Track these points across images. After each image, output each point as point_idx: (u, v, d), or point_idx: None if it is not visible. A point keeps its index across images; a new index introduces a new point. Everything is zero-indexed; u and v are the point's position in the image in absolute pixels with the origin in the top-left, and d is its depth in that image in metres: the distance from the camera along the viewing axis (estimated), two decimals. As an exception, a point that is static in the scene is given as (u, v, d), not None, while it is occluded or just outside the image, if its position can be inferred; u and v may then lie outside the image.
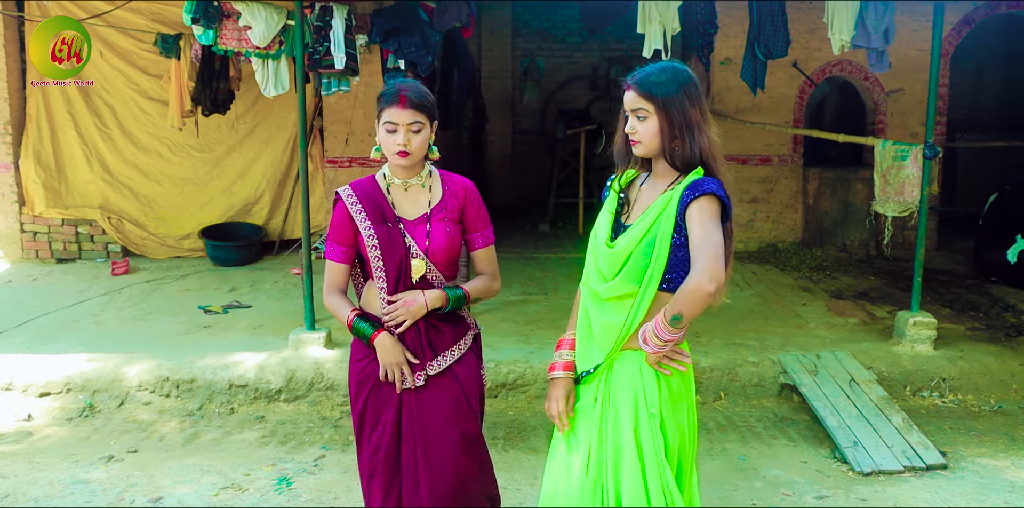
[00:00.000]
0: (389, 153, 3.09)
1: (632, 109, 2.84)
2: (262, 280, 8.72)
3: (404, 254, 3.13)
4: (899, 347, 6.45)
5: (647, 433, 2.76)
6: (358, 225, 3.15)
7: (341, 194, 3.20)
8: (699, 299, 2.58)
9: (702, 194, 2.68)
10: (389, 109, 3.04)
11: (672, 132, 2.78)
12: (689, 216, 2.69)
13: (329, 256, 3.24)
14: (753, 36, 6.90)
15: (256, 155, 9.77)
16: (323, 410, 5.95)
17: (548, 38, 13.64)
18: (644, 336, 2.74)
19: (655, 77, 2.80)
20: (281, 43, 6.43)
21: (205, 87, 8.39)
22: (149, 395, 6.02)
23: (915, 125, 9.94)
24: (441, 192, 3.25)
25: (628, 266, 2.78)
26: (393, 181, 3.21)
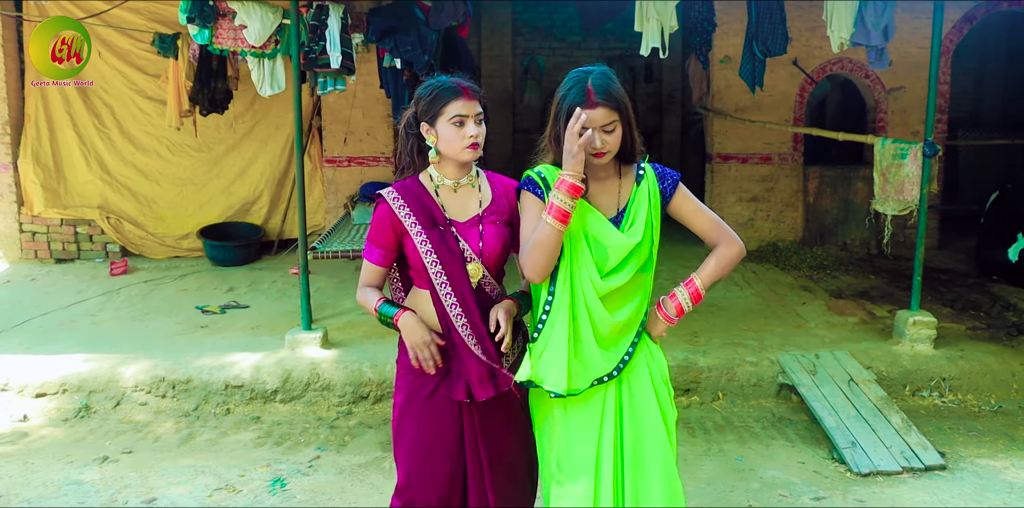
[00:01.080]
0: (457, 148, 2.95)
1: (601, 126, 2.78)
2: (260, 280, 8.70)
3: (460, 257, 3.00)
4: (899, 346, 6.42)
5: (667, 400, 2.96)
6: (408, 229, 2.99)
7: (386, 197, 3.04)
8: (738, 261, 2.98)
9: (676, 181, 2.95)
10: (455, 102, 2.92)
11: (631, 132, 2.88)
12: (680, 203, 2.95)
13: (367, 256, 3.10)
14: (751, 34, 6.87)
15: (255, 155, 9.75)
16: (319, 411, 5.92)
17: (548, 37, 13.61)
18: (677, 308, 2.98)
19: (610, 85, 2.80)
20: (277, 42, 6.40)
21: (203, 87, 8.37)
22: (145, 396, 5.99)
23: (916, 123, 9.89)
24: (491, 193, 3.14)
25: (635, 259, 2.89)
26: (443, 182, 3.07)
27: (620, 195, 2.94)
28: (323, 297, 7.78)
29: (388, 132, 9.59)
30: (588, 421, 2.89)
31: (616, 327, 2.88)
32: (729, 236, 2.93)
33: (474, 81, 3.08)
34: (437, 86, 2.99)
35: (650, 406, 2.91)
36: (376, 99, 9.35)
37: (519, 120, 13.68)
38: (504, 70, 13.53)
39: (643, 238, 2.86)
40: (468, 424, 3.03)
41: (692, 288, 2.95)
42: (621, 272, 2.87)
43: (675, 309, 2.96)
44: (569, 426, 2.91)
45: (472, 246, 3.03)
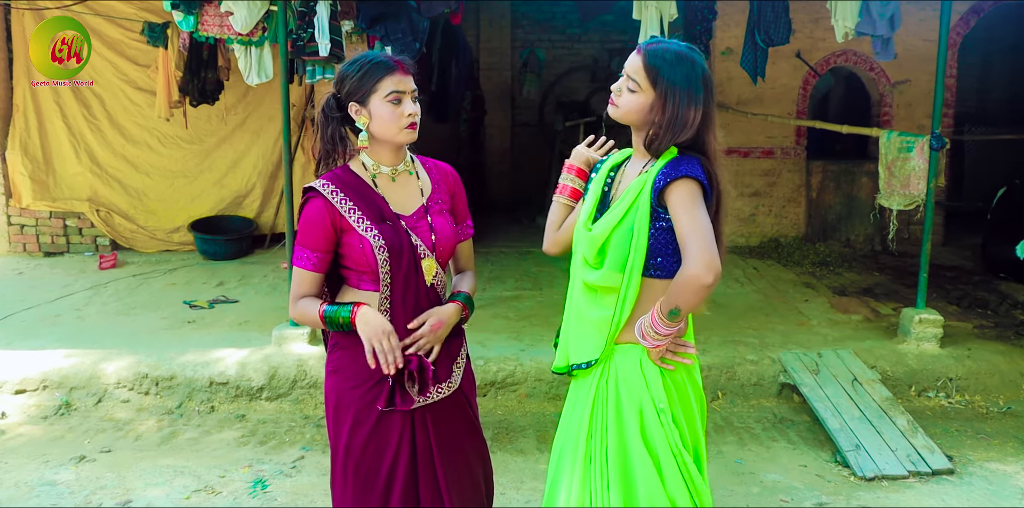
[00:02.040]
0: (395, 129, 2.67)
1: (629, 75, 2.63)
2: (251, 274, 8.52)
3: (412, 255, 2.73)
4: (904, 345, 6.23)
5: (656, 429, 2.60)
6: (353, 226, 2.67)
7: (320, 190, 2.69)
8: (696, 291, 2.44)
9: (676, 177, 2.51)
10: (389, 77, 2.64)
11: (656, 120, 2.60)
12: (669, 202, 2.53)
13: (299, 263, 2.72)
14: (753, 22, 6.67)
15: (247, 147, 9.57)
16: (306, 409, 5.74)
17: (548, 29, 13.40)
18: (641, 331, 2.59)
19: (670, 57, 2.59)
20: (264, 29, 6.21)
21: (193, 77, 8.18)
22: (127, 393, 5.82)
23: (922, 117, 9.69)
24: (429, 179, 2.89)
25: (610, 254, 2.63)
26: (379, 170, 2.77)
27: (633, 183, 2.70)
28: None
29: (383, 124, 9.39)
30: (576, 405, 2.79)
31: (586, 323, 2.72)
32: (691, 254, 2.43)
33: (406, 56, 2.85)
34: (367, 61, 2.70)
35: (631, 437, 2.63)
36: (371, 90, 9.16)
37: (518, 113, 13.49)
38: (503, 63, 13.33)
39: (609, 234, 2.60)
40: (422, 437, 2.80)
41: (653, 313, 2.56)
42: (599, 269, 2.66)
43: (640, 332, 2.61)
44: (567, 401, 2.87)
45: (425, 240, 2.78)
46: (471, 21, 12.63)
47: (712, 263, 2.42)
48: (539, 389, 5.77)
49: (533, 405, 5.74)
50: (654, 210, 2.57)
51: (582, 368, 2.73)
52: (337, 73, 2.78)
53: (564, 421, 2.84)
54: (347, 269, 2.80)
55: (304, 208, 2.72)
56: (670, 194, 2.51)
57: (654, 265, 2.60)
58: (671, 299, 2.49)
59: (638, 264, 2.59)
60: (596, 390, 2.68)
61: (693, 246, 2.43)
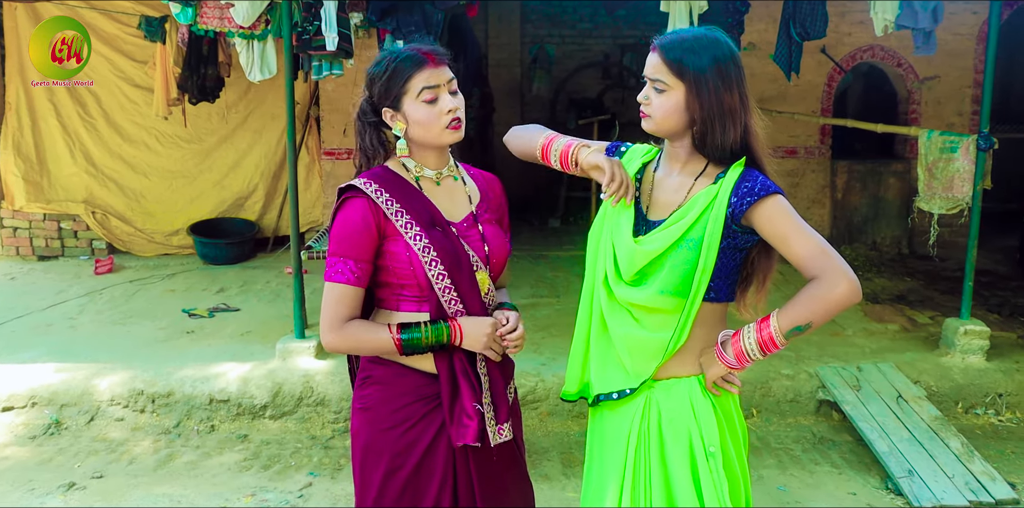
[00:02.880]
0: (437, 130, 2.37)
1: (651, 77, 2.32)
2: (254, 280, 8.15)
3: (470, 266, 2.41)
4: (948, 358, 5.86)
5: (708, 477, 2.29)
6: (400, 231, 2.33)
7: (365, 189, 2.35)
8: (843, 308, 2.22)
9: (766, 195, 2.23)
10: (420, 72, 2.33)
11: (696, 116, 2.28)
12: (765, 222, 2.25)
13: (338, 277, 2.33)
14: (788, 14, 6.27)
15: (249, 146, 9.20)
16: (312, 428, 5.38)
17: (558, 24, 13.00)
18: (739, 349, 2.28)
19: (688, 44, 2.28)
20: (267, 22, 5.82)
21: (192, 73, 7.80)
22: (122, 410, 5.46)
23: (951, 115, 9.32)
24: (476, 186, 2.57)
25: (663, 273, 2.30)
26: (423, 172, 2.46)
27: (687, 195, 2.37)
28: (319, 300, 7.21)
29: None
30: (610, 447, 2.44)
31: (623, 347, 2.37)
32: (834, 270, 2.17)
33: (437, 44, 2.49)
34: (392, 58, 2.39)
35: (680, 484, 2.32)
36: (378, 87, 8.79)
37: (528, 111, 13.08)
38: (512, 59, 12.93)
39: (666, 251, 2.28)
40: (464, 486, 2.44)
41: (765, 330, 2.24)
42: (640, 287, 2.33)
43: (734, 354, 2.28)
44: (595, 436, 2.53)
45: (477, 251, 2.45)
46: (479, 16, 12.25)
47: (857, 280, 2.20)
48: (562, 407, 5.39)
49: (556, 424, 5.37)
50: (727, 227, 2.27)
51: (612, 399, 2.40)
52: (366, 76, 2.47)
53: (595, 464, 2.50)
54: (383, 287, 2.44)
55: (342, 210, 2.37)
56: (763, 214, 2.24)
57: (711, 288, 2.32)
58: (804, 313, 2.21)
59: (703, 286, 2.29)
60: (639, 432, 2.35)
61: (831, 261, 2.19)
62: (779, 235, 2.22)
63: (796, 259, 2.21)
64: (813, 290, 2.18)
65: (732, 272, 2.35)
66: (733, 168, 2.30)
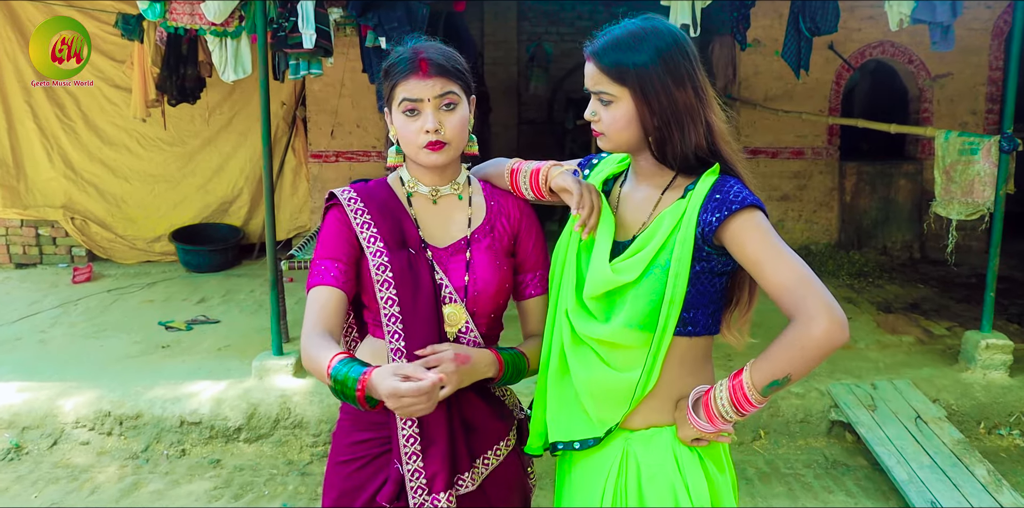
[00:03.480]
0: (413, 147, 2.10)
1: (592, 90, 2.01)
2: (237, 289, 7.81)
3: (431, 296, 2.10)
4: (968, 374, 5.50)
5: None
6: (364, 247, 2.11)
7: (340, 197, 2.17)
8: (825, 354, 1.81)
9: (743, 207, 1.90)
10: (405, 82, 2.06)
11: (650, 122, 1.95)
12: (736, 241, 1.90)
13: (317, 278, 2.08)
14: (797, 8, 5.89)
15: (234, 149, 8.85)
16: (289, 452, 5.02)
17: (556, 21, 12.67)
18: (709, 410, 1.93)
19: (623, 42, 1.95)
20: (242, 18, 5.47)
21: (171, 73, 7.44)
22: (87, 433, 5.11)
23: (964, 113, 8.95)
24: (485, 208, 2.26)
25: (628, 304, 1.96)
26: (417, 188, 2.21)
27: (652, 212, 2.05)
28: (301, 313, 6.88)
29: (380, 124, 8.64)
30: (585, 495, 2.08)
31: (583, 389, 2.03)
32: (813, 306, 1.79)
33: (449, 47, 2.18)
34: (395, 54, 2.16)
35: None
36: (367, 87, 8.42)
37: (524, 110, 12.75)
38: (509, 57, 12.59)
39: (637, 280, 1.95)
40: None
41: (738, 388, 1.88)
42: (606, 322, 1.98)
43: (706, 416, 1.93)
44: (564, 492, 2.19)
45: (454, 280, 2.14)
46: (475, 13, 11.92)
47: (843, 316, 1.80)
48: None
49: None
50: (699, 249, 1.94)
51: (574, 449, 2.06)
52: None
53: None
54: (363, 308, 2.24)
55: (324, 219, 2.21)
56: (735, 231, 1.89)
57: (686, 320, 1.98)
58: (778, 364, 1.83)
59: (674, 317, 1.95)
60: (614, 490, 2.01)
61: (809, 295, 1.80)
62: (750, 259, 1.87)
63: (770, 290, 1.86)
64: (790, 334, 1.81)
65: (713, 300, 2.01)
66: (704, 177, 1.98)
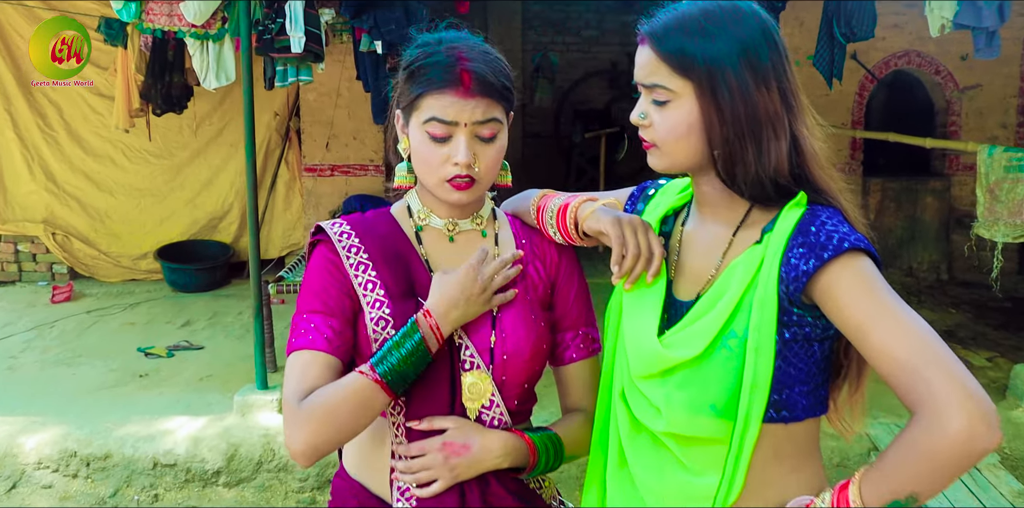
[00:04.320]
0: (434, 177, 1.63)
1: (645, 83, 1.49)
2: (224, 311, 7.34)
3: (447, 362, 1.64)
4: (1020, 412, 5.02)
5: None
6: (359, 297, 1.64)
7: (329, 232, 1.69)
8: (965, 462, 1.26)
9: (841, 252, 1.38)
10: (437, 96, 1.58)
11: (719, 132, 1.45)
12: (831, 298, 1.39)
13: (302, 341, 1.59)
14: (831, 12, 5.43)
15: (224, 162, 8.40)
16: (274, 499, 4.56)
17: (562, 31, 12.25)
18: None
19: (693, 25, 1.47)
20: (224, 20, 5.03)
21: (156, 81, 7.00)
22: (51, 475, 4.65)
23: (994, 127, 8.52)
24: (514, 248, 1.77)
25: (697, 387, 1.46)
26: (429, 221, 1.74)
27: (721, 262, 1.55)
28: (293, 337, 6.41)
29: (378, 136, 8.18)
30: None
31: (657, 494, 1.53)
32: (941, 394, 1.25)
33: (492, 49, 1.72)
34: (426, 51, 1.64)
35: None
36: (364, 96, 7.96)
37: (530, 123, 12.30)
38: (513, 67, 12.11)
39: (702, 357, 1.45)
40: None
41: (843, 504, 1.35)
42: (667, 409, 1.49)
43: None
44: None
45: (477, 341, 1.65)
46: (479, 22, 11.48)
47: (989, 408, 1.25)
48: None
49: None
50: (785, 312, 1.44)
51: None
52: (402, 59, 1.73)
53: None
54: None
55: (310, 259, 1.72)
56: (829, 285, 1.39)
57: (778, 403, 1.46)
58: (898, 479, 1.28)
59: (759, 401, 1.43)
60: None
61: (937, 377, 1.26)
62: (851, 324, 1.36)
63: (881, 367, 1.33)
64: (911, 434, 1.29)
65: (813, 374, 1.50)
66: (787, 211, 1.48)
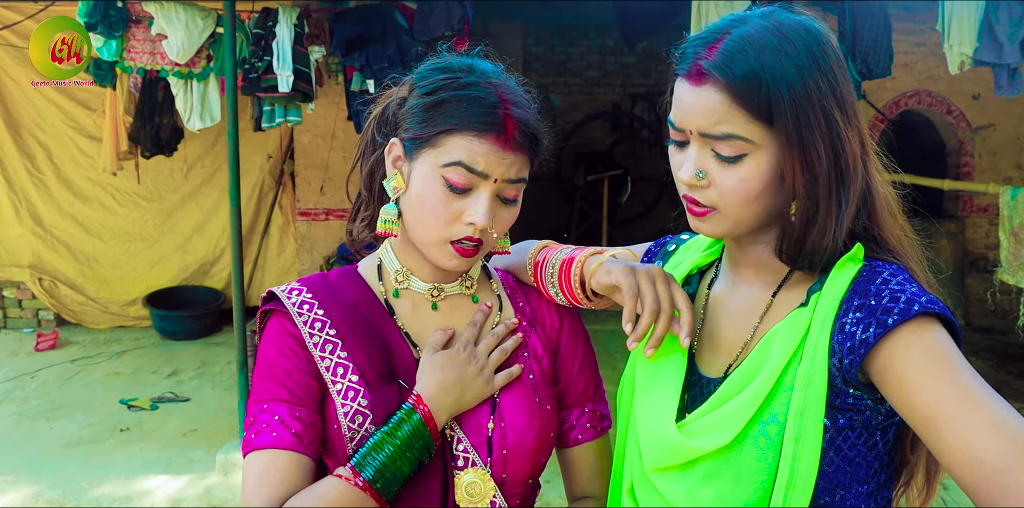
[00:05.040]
0: (438, 234, 1.35)
1: (714, 133, 1.19)
2: (213, 360, 7.07)
3: (438, 461, 1.36)
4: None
5: None
6: (327, 383, 1.35)
7: (285, 302, 1.40)
8: None
9: (909, 317, 1.12)
10: (475, 138, 1.32)
11: (803, 187, 1.18)
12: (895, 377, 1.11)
13: (261, 439, 1.29)
14: (846, 48, 5.22)
15: (215, 205, 8.18)
16: (256, 566, 4.24)
17: (564, 72, 12.12)
18: None
19: (770, 55, 1.16)
20: (209, 58, 4.83)
21: (145, 123, 6.79)
22: (18, 541, 4.35)
23: (1008, 168, 8.30)
24: (513, 314, 1.51)
25: (723, 484, 1.17)
26: (408, 285, 1.45)
27: (757, 329, 1.27)
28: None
29: (375, 178, 7.99)
30: None
31: None
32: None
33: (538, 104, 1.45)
34: (457, 78, 1.37)
35: None
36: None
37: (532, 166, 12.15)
38: (514, 109, 12.04)
39: (731, 447, 1.17)
40: None
41: None
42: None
43: None
44: None
45: (473, 435, 1.37)
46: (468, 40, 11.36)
47: None
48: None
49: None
50: (838, 392, 1.16)
51: None
52: (415, 72, 1.45)
53: None
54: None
55: (263, 332, 1.41)
56: (896, 362, 1.11)
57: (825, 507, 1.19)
58: None
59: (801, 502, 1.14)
60: None
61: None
62: (923, 412, 1.08)
63: (958, 468, 1.05)
64: None
65: (876, 471, 1.21)
66: (839, 267, 1.21)
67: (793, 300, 1.25)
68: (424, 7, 4.55)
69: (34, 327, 8.16)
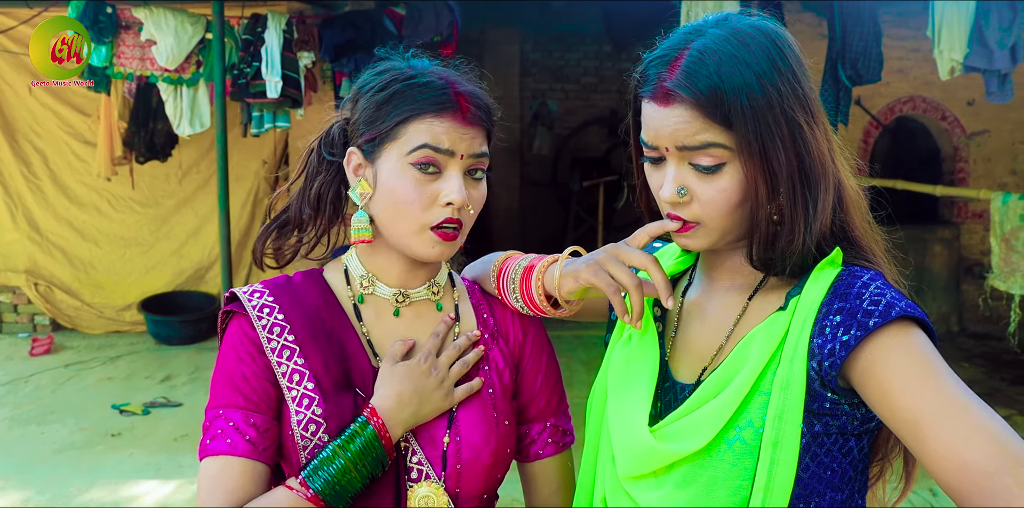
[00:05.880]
0: (416, 223, 1.35)
1: (692, 144, 1.19)
2: (207, 365, 7.06)
3: (391, 473, 1.35)
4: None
5: None
6: (283, 389, 1.35)
7: (246, 305, 1.39)
8: None
9: (889, 320, 1.13)
10: (432, 119, 1.34)
11: (767, 196, 1.20)
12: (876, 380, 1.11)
13: (216, 445, 1.30)
14: (836, 53, 5.23)
15: (211, 211, 8.17)
16: (243, 571, 4.24)
17: (561, 78, 12.15)
18: None
19: (720, 52, 1.18)
20: (199, 64, 4.85)
21: (140, 128, 6.81)
22: (7, 545, 4.36)
23: (1004, 174, 8.30)
24: (477, 324, 1.50)
25: (698, 490, 1.17)
26: (373, 290, 1.45)
27: (733, 333, 1.28)
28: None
29: (370, 184, 8.00)
30: None
31: None
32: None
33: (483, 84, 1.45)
34: (403, 75, 1.38)
35: None
36: (355, 144, 7.82)
37: (528, 171, 12.14)
38: (511, 115, 12.02)
39: (705, 452, 1.17)
40: None
41: None
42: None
43: None
44: None
45: (428, 449, 1.36)
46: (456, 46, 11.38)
47: None
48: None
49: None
50: (816, 397, 1.16)
51: None
52: (355, 85, 1.49)
53: None
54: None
55: (223, 334, 1.41)
56: (878, 364, 1.11)
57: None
58: None
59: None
60: None
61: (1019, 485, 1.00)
62: (905, 415, 1.08)
63: (941, 471, 1.05)
64: None
65: (851, 477, 1.21)
66: (819, 271, 1.22)
67: (770, 304, 1.25)
68: (413, 12, 4.56)
69: (30, 332, 8.18)
